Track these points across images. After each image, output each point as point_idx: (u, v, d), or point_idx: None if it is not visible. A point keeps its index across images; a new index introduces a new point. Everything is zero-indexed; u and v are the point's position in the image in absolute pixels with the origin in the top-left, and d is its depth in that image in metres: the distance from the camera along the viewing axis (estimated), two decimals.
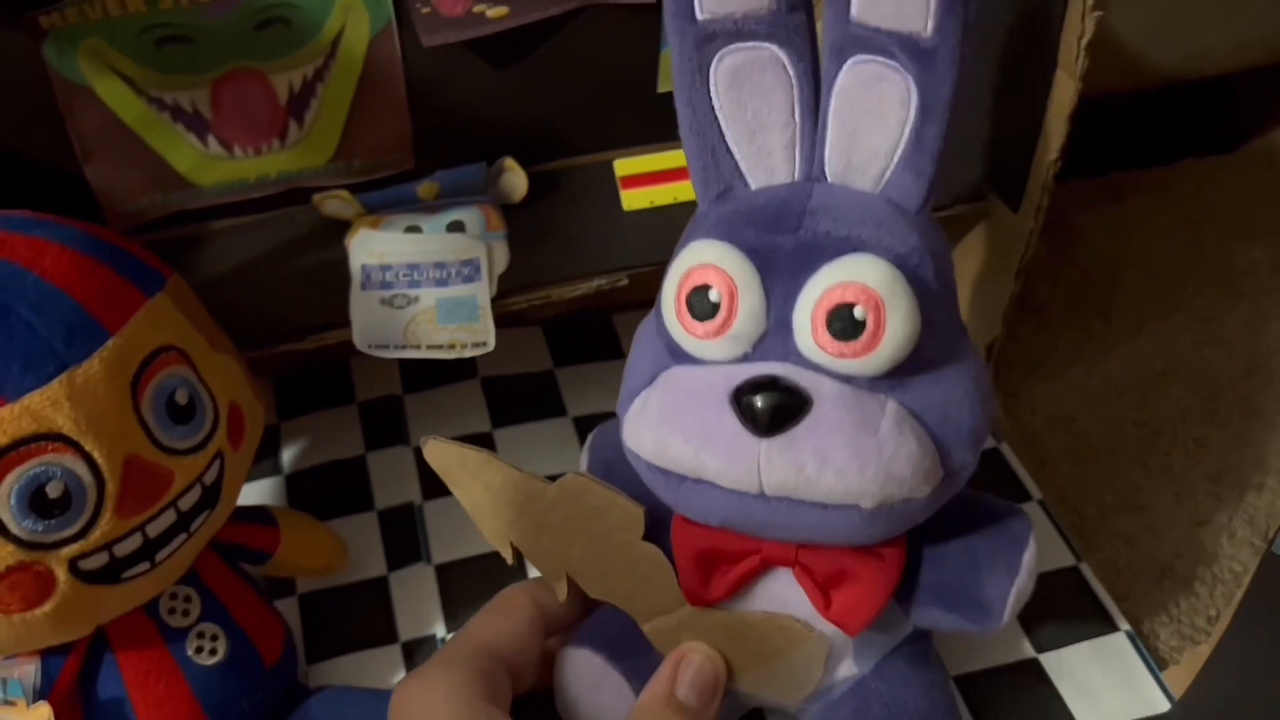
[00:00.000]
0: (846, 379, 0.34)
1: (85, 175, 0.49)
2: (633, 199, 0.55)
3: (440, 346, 0.48)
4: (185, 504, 0.38)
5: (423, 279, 0.49)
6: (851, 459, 0.33)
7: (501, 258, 0.51)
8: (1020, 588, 0.38)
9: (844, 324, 0.33)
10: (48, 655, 0.39)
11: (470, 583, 0.51)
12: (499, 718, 0.35)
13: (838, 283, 0.33)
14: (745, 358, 0.35)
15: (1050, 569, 0.52)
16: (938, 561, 0.38)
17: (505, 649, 0.38)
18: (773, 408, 0.33)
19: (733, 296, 0.34)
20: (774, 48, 0.36)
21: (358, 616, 0.50)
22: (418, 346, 0.47)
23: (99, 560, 0.36)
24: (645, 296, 0.65)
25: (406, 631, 0.49)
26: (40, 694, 0.38)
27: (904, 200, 0.35)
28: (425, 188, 0.53)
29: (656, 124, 0.56)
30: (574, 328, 0.64)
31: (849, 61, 0.35)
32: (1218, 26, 0.67)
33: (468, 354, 0.47)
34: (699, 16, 0.36)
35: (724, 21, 0.36)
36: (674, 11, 0.36)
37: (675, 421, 0.34)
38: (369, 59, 0.50)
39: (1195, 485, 0.57)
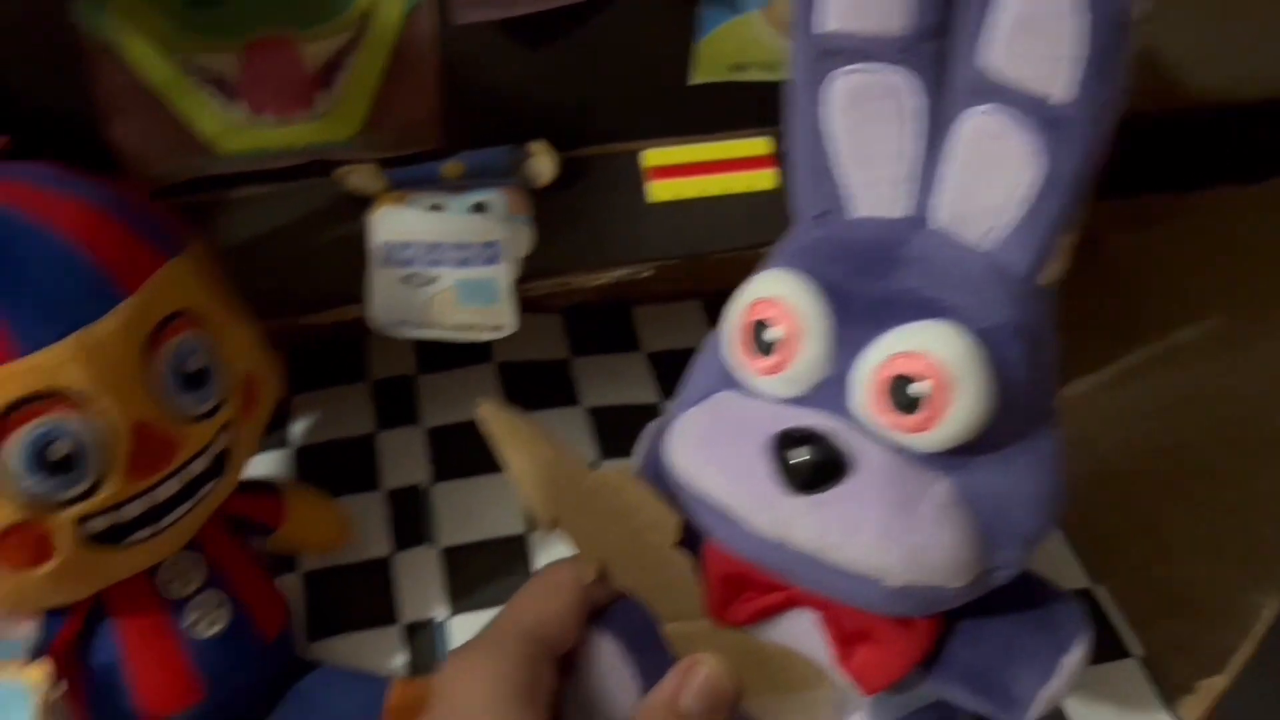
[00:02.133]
0: (899, 449, 0.31)
1: (107, 137, 0.48)
2: (659, 190, 0.54)
3: (458, 327, 0.47)
4: (192, 471, 0.37)
5: (444, 259, 0.49)
6: (881, 537, 0.30)
7: (524, 241, 0.50)
8: (1053, 692, 0.36)
9: (900, 396, 0.30)
10: (47, 617, 0.38)
11: (475, 568, 0.50)
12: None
13: (904, 350, 0.30)
14: (800, 400, 0.32)
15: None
16: (973, 641, 0.36)
17: (549, 632, 0.37)
18: (808, 467, 0.30)
19: (793, 338, 0.32)
20: (899, 75, 0.32)
21: (360, 596, 0.49)
22: (435, 326, 0.47)
23: (103, 522, 0.35)
24: (668, 289, 0.65)
25: (408, 614, 0.49)
26: (38, 655, 0.38)
27: (1010, 265, 0.32)
28: (450, 167, 0.52)
29: (687, 116, 0.55)
30: (593, 317, 0.63)
31: (974, 109, 0.31)
32: (1262, 52, 0.66)
33: (484, 337, 0.47)
34: (823, 29, 0.32)
35: (849, 38, 0.32)
36: (796, 20, 0.33)
37: (710, 453, 0.33)
38: (402, 33, 0.49)
39: (1215, 514, 0.56)
